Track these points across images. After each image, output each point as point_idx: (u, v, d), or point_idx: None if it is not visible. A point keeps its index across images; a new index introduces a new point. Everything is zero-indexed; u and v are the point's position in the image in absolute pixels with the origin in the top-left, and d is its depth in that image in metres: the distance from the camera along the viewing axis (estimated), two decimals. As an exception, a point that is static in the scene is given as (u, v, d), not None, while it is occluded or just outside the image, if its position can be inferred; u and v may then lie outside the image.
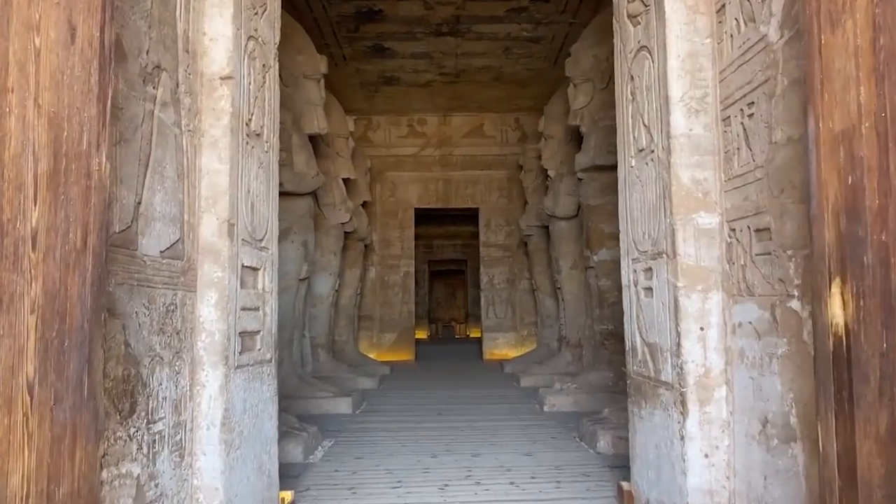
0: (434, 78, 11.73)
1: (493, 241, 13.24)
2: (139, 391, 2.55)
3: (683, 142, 3.28)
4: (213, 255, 3.16)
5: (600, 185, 7.64)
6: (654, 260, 3.55)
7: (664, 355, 3.43)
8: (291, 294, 7.64)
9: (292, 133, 7.46)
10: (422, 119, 13.24)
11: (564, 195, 9.43)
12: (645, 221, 3.67)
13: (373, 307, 13.01)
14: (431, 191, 13.20)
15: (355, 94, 12.31)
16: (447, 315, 25.14)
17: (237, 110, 3.33)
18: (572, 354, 9.66)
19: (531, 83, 12.11)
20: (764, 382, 2.84)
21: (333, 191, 9.48)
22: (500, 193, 13.24)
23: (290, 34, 7.78)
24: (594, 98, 7.78)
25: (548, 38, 10.34)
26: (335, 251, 9.61)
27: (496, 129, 13.28)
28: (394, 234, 13.15)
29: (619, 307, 7.93)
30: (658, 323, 3.50)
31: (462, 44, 10.46)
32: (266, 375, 3.73)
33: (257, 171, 3.63)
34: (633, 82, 3.84)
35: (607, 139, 7.45)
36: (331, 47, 10.48)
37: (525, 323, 13.09)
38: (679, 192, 3.27)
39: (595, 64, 7.74)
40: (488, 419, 6.89)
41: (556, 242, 9.79)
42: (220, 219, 3.18)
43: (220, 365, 3.12)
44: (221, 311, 3.15)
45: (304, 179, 7.49)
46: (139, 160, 2.57)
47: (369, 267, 12.91)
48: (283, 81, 7.73)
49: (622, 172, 4.09)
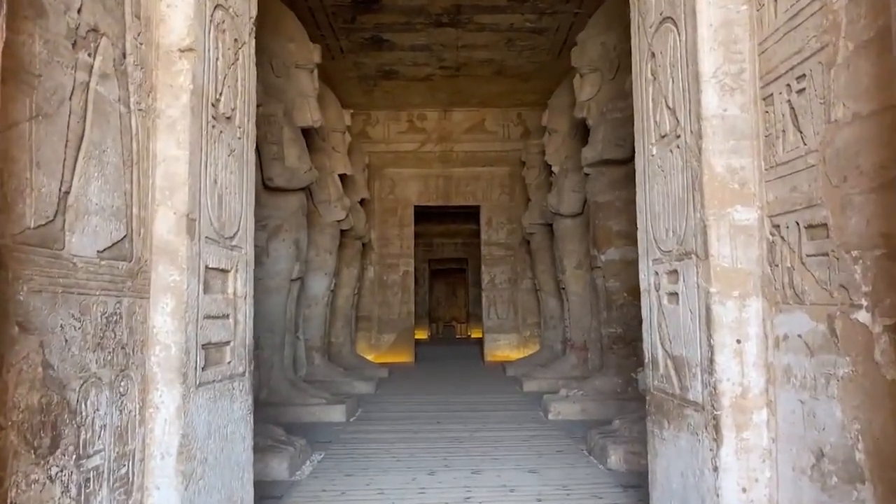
0: (434, 71, 11.24)
1: (495, 239, 12.75)
2: (65, 421, 2.07)
3: (716, 124, 2.79)
4: (170, 255, 2.68)
5: (608, 181, 7.16)
6: (680, 261, 3.06)
7: (693, 371, 2.94)
8: (283, 295, 7.17)
9: (284, 126, 6.99)
10: (422, 114, 12.75)
11: (569, 192, 8.95)
12: (669, 217, 3.19)
13: (371, 307, 12.52)
14: (431, 188, 12.71)
15: (353, 88, 11.81)
16: (448, 314, 24.65)
17: (200, 88, 2.85)
18: (577, 358, 9.18)
19: (534, 77, 11.60)
20: (818, 408, 2.35)
21: (329, 187, 9.01)
22: (502, 191, 12.74)
23: (280, 21, 7.31)
24: (602, 89, 7.30)
25: (552, 29, 9.83)
26: (331, 250, 9.13)
27: (498, 124, 12.78)
28: (393, 232, 12.67)
29: (628, 310, 7.47)
30: (685, 333, 3.02)
31: (463, 35, 9.97)
32: (238, 392, 3.26)
33: (227, 159, 3.15)
34: (655, 60, 3.35)
35: (616, 132, 6.97)
36: (327, 39, 9.99)
37: (527, 324, 12.59)
38: (711, 183, 2.78)
39: (603, 53, 7.25)
40: (490, 428, 6.41)
41: (561, 241, 9.31)
42: (177, 213, 2.70)
43: (176, 383, 2.64)
44: (179, 321, 2.66)
45: (296, 174, 7.01)
46: (66, 141, 2.08)
47: (367, 266, 12.43)
48: (273, 71, 7.26)
49: (641, 162, 3.60)
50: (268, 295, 7.07)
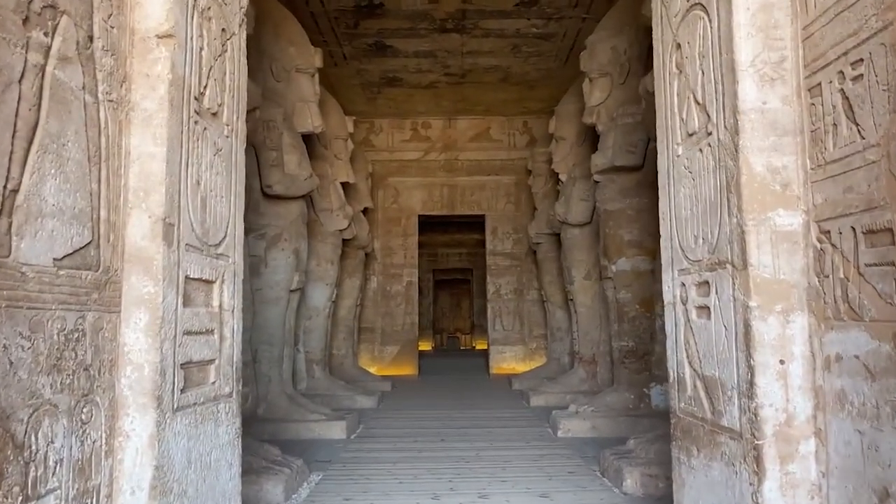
0: (438, 78, 10.96)
1: (501, 249, 12.43)
2: (8, 458, 1.76)
3: (755, 119, 2.48)
4: (144, 263, 2.37)
5: (619, 188, 6.85)
6: (712, 271, 2.75)
7: (727, 394, 2.62)
8: (281, 306, 6.85)
9: (283, 131, 6.70)
10: (426, 122, 12.47)
11: (577, 200, 8.63)
12: (698, 223, 2.87)
13: (374, 319, 12.19)
14: (436, 197, 12.40)
15: (356, 95, 11.55)
16: (452, 325, 24.29)
17: (180, 79, 2.55)
18: (586, 371, 8.83)
19: (540, 84, 11.32)
20: (882, 441, 2.03)
21: (331, 195, 8.71)
22: (508, 200, 12.43)
23: (281, 24, 7.04)
24: (612, 93, 7.00)
25: (559, 35, 9.56)
26: (332, 260, 8.82)
27: (503, 132, 12.49)
28: (396, 241, 12.35)
29: (640, 322, 7.14)
30: (718, 352, 2.70)
31: (468, 41, 9.70)
32: (224, 415, 2.94)
33: (212, 159, 2.85)
34: (681, 51, 3.04)
35: (627, 137, 6.67)
36: (329, 45, 9.73)
37: (534, 336, 12.24)
38: (750, 184, 2.47)
39: (613, 56, 6.96)
40: (496, 447, 6.07)
41: (568, 251, 8.98)
42: (153, 217, 2.39)
43: (150, 408, 2.33)
44: (154, 338, 2.36)
45: (295, 181, 6.72)
46: (13, 130, 1.78)
47: (370, 276, 12.11)
48: (273, 75, 6.99)
49: (664, 163, 3.29)
50: (266, 306, 6.77)
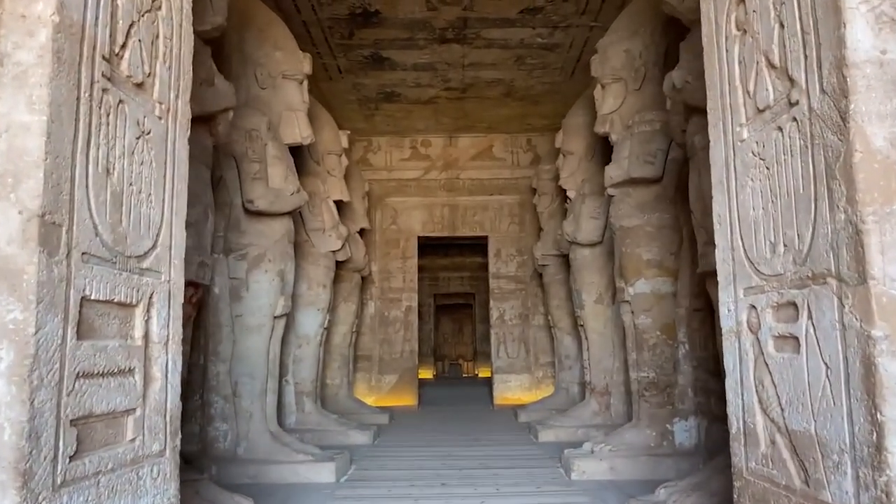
0: (439, 94, 10.31)
1: (504, 272, 11.66)
2: None
3: (871, 74, 1.75)
4: (8, 278, 1.64)
5: (636, 203, 6.12)
6: (802, 288, 2.00)
7: (832, 458, 1.85)
8: (265, 334, 6.09)
9: (268, 142, 6.00)
10: (426, 140, 11.79)
11: (587, 218, 7.90)
12: (776, 225, 2.13)
13: (371, 346, 11.39)
14: (436, 218, 11.67)
15: (353, 112, 10.89)
16: (454, 352, 23.41)
17: (77, 27, 1.84)
18: (599, 403, 8.03)
19: (545, 99, 10.67)
20: None
21: (323, 214, 7.99)
22: (512, 220, 11.69)
23: (266, 28, 6.39)
24: (626, 100, 6.31)
25: (564, 46, 8.91)
26: (324, 283, 8.07)
27: (506, 150, 11.81)
28: (395, 264, 11.59)
29: (661, 350, 6.35)
30: (815, 399, 1.94)
31: (469, 53, 9.06)
32: (149, 482, 2.18)
33: (134, 143, 2.13)
34: (745, 5, 2.33)
35: (645, 146, 5.96)
36: (323, 57, 9.10)
37: (540, 364, 11.42)
38: (867, 165, 1.73)
39: (627, 61, 6.28)
40: (504, 493, 5.26)
41: (578, 273, 8.23)
42: (24, 212, 1.66)
43: (9, 488, 1.58)
44: (20, 385, 1.61)
45: (280, 196, 6.00)
46: None
47: (367, 301, 11.34)
48: (258, 82, 6.32)
49: (720, 154, 2.56)
50: (248, 334, 6.02)
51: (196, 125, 4.08)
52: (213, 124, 4.25)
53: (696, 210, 4.31)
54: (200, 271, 4.04)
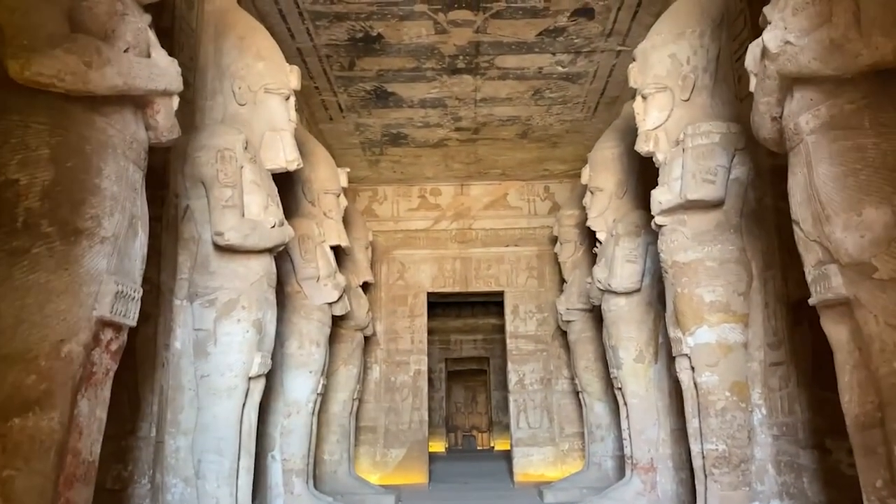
0: (449, 134, 9.28)
1: (523, 331, 10.32)
2: None
3: None
4: None
5: (693, 232, 4.90)
6: None
7: None
8: (235, 400, 4.80)
9: (244, 164, 4.88)
10: (435, 189, 10.70)
11: (623, 262, 6.69)
12: None
13: (376, 416, 9.96)
14: (447, 272, 10.43)
15: (356, 158, 9.86)
16: (468, 422, 21.69)
17: None
18: (643, 482, 6.60)
19: (564, 141, 9.63)
20: None
21: (317, 260, 6.81)
22: (530, 274, 10.43)
23: (247, 37, 5.36)
24: (673, 113, 5.18)
25: (588, 76, 7.91)
26: (318, 341, 6.81)
27: (522, 199, 10.68)
28: (402, 324, 10.29)
29: (733, 416, 4.85)
30: None
31: (482, 86, 8.07)
32: None
33: None
34: None
35: (702, 163, 4.79)
36: (322, 93, 8.14)
37: (566, 434, 9.92)
38: None
39: (672, 67, 5.18)
40: None
41: (613, 327, 6.95)
42: None
43: None
44: None
45: (258, 230, 4.84)
46: None
47: (371, 365, 9.99)
48: (235, 98, 5.26)
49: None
50: (215, 399, 4.74)
51: (121, 108, 2.95)
52: (150, 112, 3.12)
53: (802, 218, 3.09)
54: (121, 306, 2.82)
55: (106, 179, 2.78)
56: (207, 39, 5.33)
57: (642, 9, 6.59)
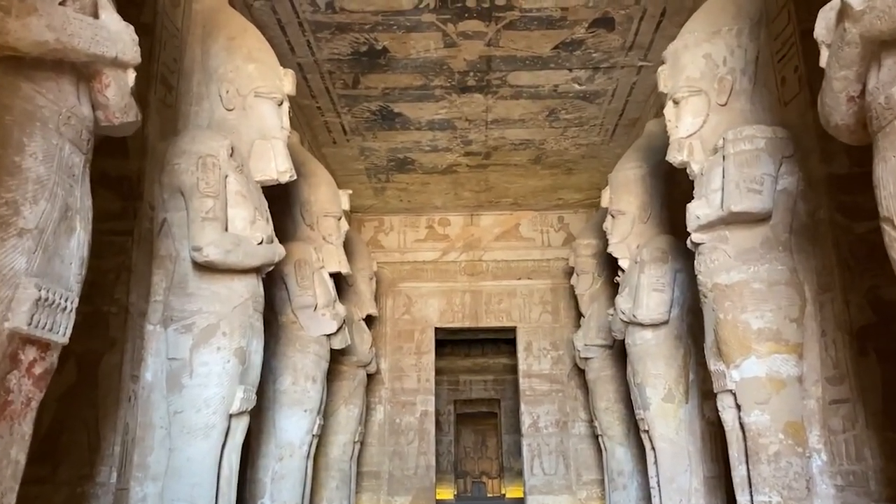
0: (458, 159, 8.76)
1: (537, 370, 9.59)
2: None
3: None
4: None
5: (737, 250, 4.27)
6: None
7: None
8: (213, 440, 4.13)
9: (228, 172, 4.33)
10: (444, 219, 10.15)
11: (649, 291, 6.04)
12: None
13: (379, 460, 9.20)
14: (456, 306, 9.78)
15: (361, 185, 9.34)
16: (477, 468, 20.68)
17: None
18: (676, 537, 5.83)
19: (580, 168, 9.07)
20: None
21: (315, 288, 6.20)
22: (544, 308, 9.76)
23: (237, 37, 4.86)
24: (709, 118, 4.61)
25: (606, 94, 7.39)
26: (314, 377, 6.15)
27: (535, 230, 10.08)
28: (408, 361, 9.61)
29: (788, 462, 4.18)
30: None
31: (493, 105, 7.56)
32: None
33: None
34: None
35: (746, 171, 4.19)
36: (325, 114, 7.65)
37: (583, 482, 9.11)
38: None
39: (707, 68, 4.62)
40: None
41: (639, 363, 6.26)
42: None
43: None
44: None
45: (242, 246, 4.25)
46: None
47: (375, 405, 9.28)
48: (223, 103, 4.73)
49: None
50: (189, 439, 4.08)
51: (57, 75, 2.39)
52: (97, 86, 2.56)
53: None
54: (44, 317, 2.22)
55: (29, 158, 2.21)
56: (194, 41, 4.83)
57: (666, 19, 6.08)
